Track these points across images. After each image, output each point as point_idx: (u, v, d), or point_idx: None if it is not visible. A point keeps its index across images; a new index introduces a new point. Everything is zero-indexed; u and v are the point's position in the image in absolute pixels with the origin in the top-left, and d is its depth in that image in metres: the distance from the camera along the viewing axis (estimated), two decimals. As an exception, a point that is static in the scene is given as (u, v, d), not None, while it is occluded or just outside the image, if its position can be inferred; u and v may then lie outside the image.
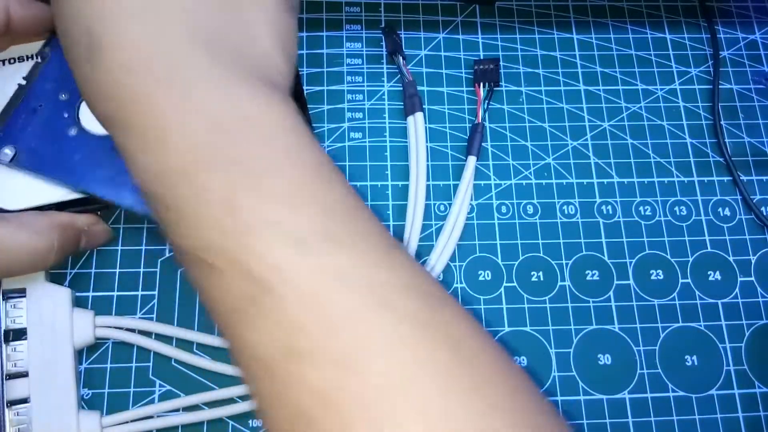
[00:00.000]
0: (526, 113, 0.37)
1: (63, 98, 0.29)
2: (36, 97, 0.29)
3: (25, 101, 0.29)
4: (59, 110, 0.29)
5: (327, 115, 0.36)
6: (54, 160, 0.28)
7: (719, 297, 0.34)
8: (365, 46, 0.38)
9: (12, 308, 0.28)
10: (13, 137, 0.29)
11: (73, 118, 0.29)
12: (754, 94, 0.38)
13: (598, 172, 0.36)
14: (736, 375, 0.32)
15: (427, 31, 0.39)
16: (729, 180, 0.36)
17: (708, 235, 0.35)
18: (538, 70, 0.38)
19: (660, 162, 0.36)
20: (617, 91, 0.38)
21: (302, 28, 0.38)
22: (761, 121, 0.38)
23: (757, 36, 0.40)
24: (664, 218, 0.35)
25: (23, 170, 0.28)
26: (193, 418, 0.29)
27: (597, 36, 0.39)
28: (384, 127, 0.36)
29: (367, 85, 0.37)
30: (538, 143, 0.36)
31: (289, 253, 0.16)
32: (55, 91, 0.30)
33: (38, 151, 0.29)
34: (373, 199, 0.34)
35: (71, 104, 0.29)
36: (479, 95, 0.36)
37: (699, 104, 0.38)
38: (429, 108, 0.37)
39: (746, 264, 0.34)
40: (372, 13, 0.39)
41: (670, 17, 0.40)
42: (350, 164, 0.35)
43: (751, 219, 0.35)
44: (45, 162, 0.29)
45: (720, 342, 0.33)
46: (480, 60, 0.37)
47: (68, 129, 0.29)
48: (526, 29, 0.39)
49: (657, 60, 0.39)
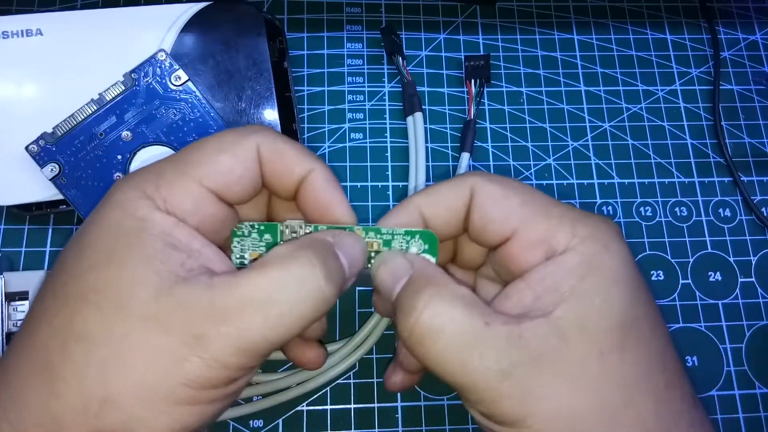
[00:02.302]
0: (527, 114, 0.37)
1: (125, 137, 0.29)
2: (100, 123, 0.29)
3: (89, 122, 0.29)
4: (115, 149, 0.29)
5: (328, 115, 0.36)
6: (89, 197, 0.29)
7: (720, 298, 0.34)
8: (366, 47, 0.38)
9: (14, 311, 0.28)
10: (63, 155, 0.29)
11: (124, 165, 0.29)
12: (754, 95, 0.38)
13: (598, 172, 0.36)
14: (736, 375, 0.32)
15: (427, 31, 0.39)
16: (729, 181, 0.36)
17: (708, 236, 0.35)
18: (539, 70, 0.38)
19: (660, 163, 0.36)
20: (618, 92, 0.38)
21: (303, 28, 0.38)
22: (762, 122, 0.38)
23: (758, 37, 0.40)
24: (664, 219, 0.35)
25: (57, 188, 0.29)
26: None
27: (597, 37, 0.39)
28: (385, 127, 0.36)
29: (368, 86, 0.37)
30: (538, 144, 0.36)
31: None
32: (121, 126, 0.29)
33: (80, 182, 0.29)
34: (373, 200, 0.34)
35: (129, 148, 0.29)
36: (470, 92, 0.36)
37: (699, 105, 0.38)
38: (430, 108, 0.37)
39: (747, 265, 0.34)
40: (373, 13, 0.39)
41: (670, 18, 0.40)
42: (351, 164, 0.35)
43: (752, 220, 0.35)
44: (80, 195, 0.29)
45: (720, 342, 0.33)
46: (471, 56, 0.37)
47: (115, 172, 0.29)
48: (527, 30, 0.39)
49: (657, 61, 0.39)
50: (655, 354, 0.19)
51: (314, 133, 0.36)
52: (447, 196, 0.22)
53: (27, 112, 0.30)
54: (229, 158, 0.21)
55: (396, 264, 0.21)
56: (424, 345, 0.19)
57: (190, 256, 0.19)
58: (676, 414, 0.19)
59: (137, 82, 0.30)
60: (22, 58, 0.31)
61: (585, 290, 0.19)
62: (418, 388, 0.31)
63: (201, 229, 0.20)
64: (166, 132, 0.30)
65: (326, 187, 0.22)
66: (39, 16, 0.31)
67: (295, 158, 0.22)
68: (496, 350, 0.18)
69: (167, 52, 0.30)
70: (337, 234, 0.21)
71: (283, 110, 0.32)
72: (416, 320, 0.19)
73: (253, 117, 0.31)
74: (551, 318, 0.19)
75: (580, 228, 0.20)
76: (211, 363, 0.17)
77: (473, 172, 0.22)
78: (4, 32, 0.30)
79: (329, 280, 0.18)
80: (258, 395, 0.30)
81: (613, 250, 0.20)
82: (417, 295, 0.19)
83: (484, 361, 0.18)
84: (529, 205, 0.21)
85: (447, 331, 0.18)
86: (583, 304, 0.19)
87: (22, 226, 0.33)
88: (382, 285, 0.21)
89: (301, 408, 0.30)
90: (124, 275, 0.18)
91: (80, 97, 0.29)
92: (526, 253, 0.20)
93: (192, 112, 0.30)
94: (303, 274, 0.18)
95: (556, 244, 0.20)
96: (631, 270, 0.20)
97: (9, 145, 0.29)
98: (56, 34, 0.31)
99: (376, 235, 0.22)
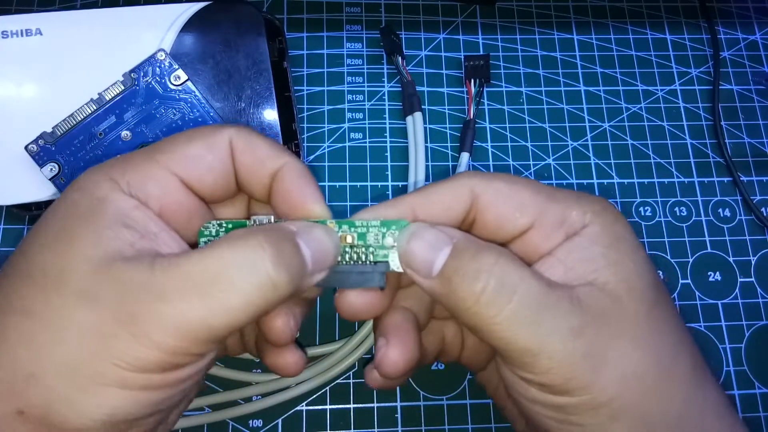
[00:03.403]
0: (527, 114, 0.37)
1: (124, 137, 0.29)
2: (100, 123, 0.29)
3: (88, 122, 0.29)
4: (115, 148, 0.29)
5: (327, 115, 0.36)
6: None
7: (719, 298, 0.34)
8: (365, 47, 0.38)
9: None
10: (63, 155, 0.29)
11: None
12: (754, 95, 0.38)
13: (598, 172, 0.36)
14: (736, 375, 0.32)
15: (427, 31, 0.39)
16: (729, 180, 0.36)
17: (708, 236, 0.35)
18: (539, 70, 0.38)
19: (660, 163, 0.36)
20: (617, 92, 0.38)
21: (303, 28, 0.38)
22: (761, 122, 0.38)
23: (758, 36, 0.40)
24: (664, 219, 0.35)
25: (57, 188, 0.29)
26: (193, 422, 0.29)
27: (597, 36, 0.39)
28: (384, 127, 0.36)
29: (368, 86, 0.37)
30: (538, 144, 0.36)
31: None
32: (121, 125, 0.29)
33: None
34: (373, 200, 0.34)
35: (128, 148, 0.29)
36: (470, 92, 0.36)
37: (699, 105, 0.38)
38: (429, 108, 0.37)
39: (746, 265, 0.34)
40: (372, 13, 0.39)
41: (670, 18, 0.40)
42: (350, 164, 0.35)
43: (752, 220, 0.35)
44: None
45: (720, 343, 0.33)
46: (470, 56, 0.37)
47: None
48: (527, 30, 0.39)
49: (657, 61, 0.39)
50: (675, 311, 0.21)
51: (314, 133, 0.36)
52: (444, 198, 0.21)
53: (27, 112, 0.30)
54: (200, 146, 0.20)
55: (432, 235, 0.20)
56: (495, 307, 0.18)
57: (143, 237, 0.18)
58: (704, 365, 0.20)
59: (137, 82, 0.30)
60: (22, 58, 0.31)
61: (617, 257, 0.20)
62: (418, 388, 0.31)
63: (165, 215, 0.20)
64: (166, 132, 0.30)
65: (298, 182, 0.21)
66: (39, 15, 0.31)
67: (267, 151, 0.21)
68: (565, 310, 0.18)
69: (167, 51, 0.30)
70: (303, 225, 0.20)
71: (283, 110, 0.32)
72: (486, 283, 0.18)
73: (253, 116, 0.31)
74: (597, 283, 0.19)
75: (587, 205, 0.21)
76: (144, 341, 0.16)
77: (467, 173, 0.22)
78: (3, 32, 0.30)
79: (279, 267, 0.17)
80: (257, 395, 0.30)
81: (621, 221, 0.21)
82: (481, 258, 0.19)
83: (557, 321, 0.18)
84: (539, 194, 0.21)
85: (520, 291, 0.18)
86: (621, 269, 0.19)
87: (22, 225, 0.33)
88: (418, 258, 0.20)
89: (300, 408, 0.30)
90: (69, 252, 0.17)
91: (80, 96, 0.29)
92: (548, 238, 0.21)
93: (191, 111, 0.30)
94: (250, 256, 0.17)
95: (573, 223, 0.20)
96: (636, 238, 0.21)
97: (8, 145, 0.29)
98: (56, 33, 0.31)
99: (350, 228, 0.21)
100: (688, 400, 0.19)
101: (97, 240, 0.17)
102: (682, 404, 0.19)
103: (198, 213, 0.21)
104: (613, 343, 0.18)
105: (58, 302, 0.17)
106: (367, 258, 0.21)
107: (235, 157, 0.21)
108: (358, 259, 0.21)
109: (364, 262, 0.21)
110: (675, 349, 0.19)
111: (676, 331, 0.20)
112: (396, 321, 0.22)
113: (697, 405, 0.19)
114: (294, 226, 0.20)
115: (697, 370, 0.20)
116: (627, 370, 0.18)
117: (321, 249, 0.19)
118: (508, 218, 0.21)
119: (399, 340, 0.21)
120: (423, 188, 0.22)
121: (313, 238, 0.19)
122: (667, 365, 0.19)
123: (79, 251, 0.17)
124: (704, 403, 0.19)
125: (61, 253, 0.17)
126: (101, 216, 0.18)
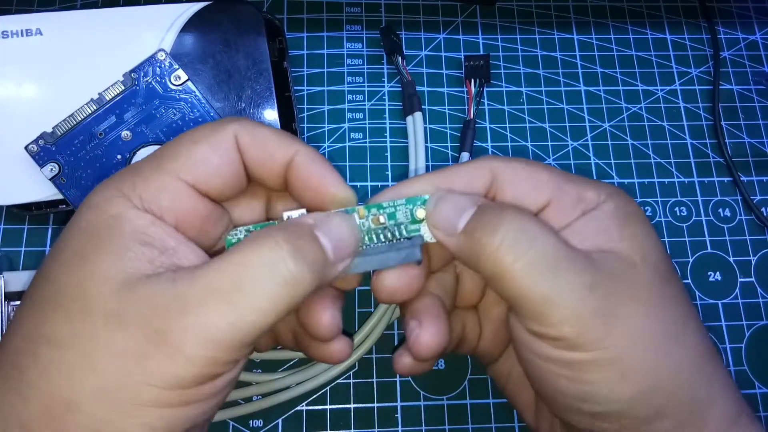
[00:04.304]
0: (527, 114, 0.37)
1: (124, 137, 0.29)
2: (100, 123, 0.29)
3: (89, 122, 0.29)
4: (115, 149, 0.29)
5: (327, 115, 0.36)
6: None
7: (719, 297, 0.34)
8: (366, 47, 0.38)
9: (14, 311, 0.28)
10: (63, 155, 0.29)
11: (123, 165, 0.29)
12: (754, 95, 0.38)
13: (598, 172, 0.36)
14: (736, 376, 0.32)
15: (427, 31, 0.39)
16: (729, 180, 0.36)
17: (708, 236, 0.35)
18: (539, 70, 0.38)
19: (660, 162, 0.36)
20: (618, 92, 0.38)
21: (303, 28, 0.38)
22: (761, 122, 0.38)
23: (758, 36, 0.40)
24: (664, 219, 0.35)
25: (57, 188, 0.29)
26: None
27: (597, 36, 0.39)
28: (384, 127, 0.36)
29: (368, 86, 0.37)
30: (538, 144, 0.36)
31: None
32: (121, 125, 0.29)
33: (79, 181, 0.29)
34: (373, 200, 0.34)
35: (129, 148, 0.29)
36: (470, 92, 0.36)
37: (699, 105, 0.38)
38: (429, 108, 0.37)
39: (746, 264, 0.34)
40: (372, 13, 0.39)
41: (670, 18, 0.40)
42: (351, 164, 0.35)
43: (752, 219, 0.35)
44: (79, 194, 0.29)
45: (720, 343, 0.33)
46: (470, 56, 0.37)
47: (114, 172, 0.29)
48: (527, 30, 0.39)
49: (657, 61, 0.39)
50: (687, 294, 0.21)
51: (314, 133, 0.36)
52: (464, 177, 0.22)
53: (27, 112, 0.30)
54: (205, 148, 0.20)
55: (459, 198, 0.21)
56: (515, 253, 0.19)
57: (162, 253, 0.18)
58: (712, 347, 0.21)
59: (137, 82, 0.30)
60: (22, 58, 0.31)
61: (632, 231, 0.21)
62: (418, 388, 0.31)
63: (181, 227, 0.19)
64: (166, 132, 0.30)
65: (314, 167, 0.21)
66: (39, 16, 0.31)
67: (275, 143, 0.21)
68: (581, 266, 0.19)
69: (167, 51, 0.30)
70: (320, 216, 0.20)
71: (283, 110, 0.32)
72: (504, 234, 0.19)
73: (253, 117, 0.31)
74: (613, 251, 0.20)
75: (601, 188, 0.22)
76: (176, 358, 0.16)
77: (486, 156, 0.23)
78: (4, 32, 0.30)
79: (299, 262, 0.17)
80: (257, 395, 0.30)
81: (634, 203, 0.22)
82: (501, 214, 0.20)
83: (573, 275, 0.19)
84: (555, 176, 0.22)
85: (539, 242, 0.19)
86: (635, 243, 0.20)
87: (22, 225, 0.33)
88: (443, 218, 0.21)
89: (300, 408, 0.30)
90: (91, 275, 0.17)
91: (80, 96, 0.29)
92: (566, 214, 0.21)
93: (192, 111, 0.30)
94: (268, 255, 0.17)
95: (589, 201, 0.21)
96: (649, 221, 0.22)
97: (9, 145, 0.29)
98: (56, 33, 0.31)
99: (378, 210, 0.21)
100: (697, 370, 0.19)
101: (117, 261, 0.17)
102: (690, 372, 0.19)
103: (212, 215, 0.21)
104: (626, 303, 0.19)
105: (86, 328, 0.17)
106: (401, 234, 0.21)
107: (242, 152, 0.21)
108: (393, 237, 0.21)
109: (399, 239, 0.21)
110: (685, 321, 0.20)
111: (686, 307, 0.20)
112: (427, 304, 0.22)
113: (706, 375, 0.19)
114: (311, 218, 0.20)
115: (706, 343, 0.20)
116: (638, 329, 0.19)
117: (341, 238, 0.20)
118: (526, 196, 0.22)
119: (431, 322, 0.22)
120: (443, 168, 0.22)
121: (332, 228, 0.20)
122: (677, 331, 0.19)
123: (100, 273, 0.17)
124: (713, 375, 0.20)
125: (83, 277, 0.17)
126: (119, 236, 0.18)
